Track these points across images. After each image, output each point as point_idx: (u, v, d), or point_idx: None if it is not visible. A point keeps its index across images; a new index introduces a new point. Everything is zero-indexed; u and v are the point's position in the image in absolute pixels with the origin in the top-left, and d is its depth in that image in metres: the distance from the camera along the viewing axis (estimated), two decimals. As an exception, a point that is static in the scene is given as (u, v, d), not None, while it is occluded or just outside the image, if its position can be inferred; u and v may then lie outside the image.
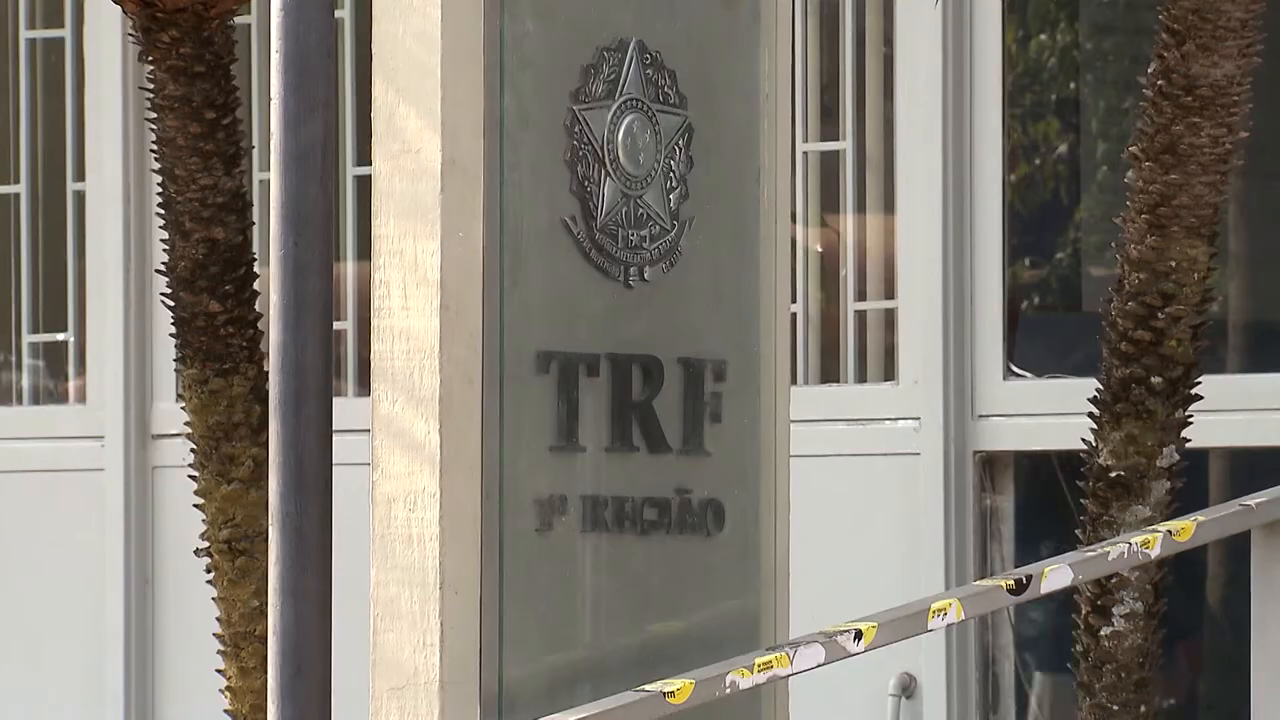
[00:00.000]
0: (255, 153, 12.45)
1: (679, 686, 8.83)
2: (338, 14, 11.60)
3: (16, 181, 22.88)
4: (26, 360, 22.73)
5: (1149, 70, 14.44)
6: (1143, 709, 13.02)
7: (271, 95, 8.49)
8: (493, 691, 8.77)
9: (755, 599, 9.74)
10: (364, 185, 11.16)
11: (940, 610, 13.70)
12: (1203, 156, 12.89)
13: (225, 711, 12.69)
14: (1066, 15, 20.01)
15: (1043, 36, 19.67)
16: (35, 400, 22.42)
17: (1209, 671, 14.28)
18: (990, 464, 19.05)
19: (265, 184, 11.20)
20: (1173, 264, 13.07)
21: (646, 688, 8.70)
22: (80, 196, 22.25)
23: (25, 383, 22.65)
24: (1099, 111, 18.70)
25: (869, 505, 18.20)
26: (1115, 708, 13.09)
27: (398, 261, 8.96)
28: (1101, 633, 12.70)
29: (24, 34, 22.87)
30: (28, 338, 22.66)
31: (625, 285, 9.15)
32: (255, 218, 12.66)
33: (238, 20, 12.65)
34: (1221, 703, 14.79)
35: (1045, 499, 16.84)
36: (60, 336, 22.37)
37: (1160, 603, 12.10)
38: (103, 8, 17.82)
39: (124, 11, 13.65)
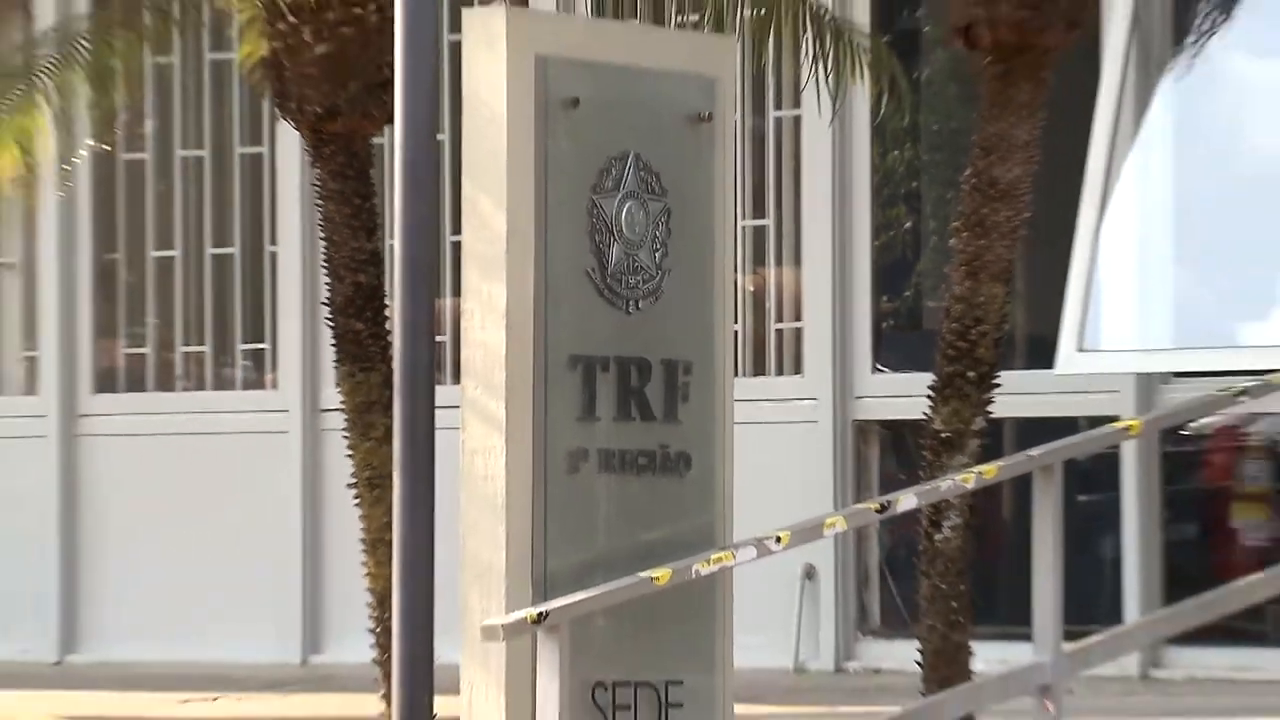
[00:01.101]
0: (385, 226, 13.29)
1: (661, 574, 12.14)
2: (440, 137, 12.92)
3: (232, 245, 24.51)
4: (240, 361, 24.42)
5: (965, 173, 18.35)
6: (961, 588, 17.58)
7: (396, 189, 11.45)
8: (540, 577, 12.16)
9: (710, 517, 13.20)
10: (456, 248, 13.34)
11: (831, 524, 17.18)
12: (1001, 229, 17.63)
13: (367, 589, 15.58)
14: (911, 137, 21.44)
15: (896, 151, 21.59)
16: (246, 387, 24.49)
17: (1005, 562, 15.63)
18: (862, 429, 21.38)
19: (392, 247, 13.30)
20: (981, 299, 17.97)
21: (640, 575, 12.13)
22: (274, 255, 24.31)
23: (239, 375, 24.45)
24: (933, 200, 21.11)
25: (785, 455, 20.23)
26: (944, 586, 17.63)
27: (478, 298, 12.37)
28: (936, 538, 17.44)
29: (237, 150, 23.99)
30: (240, 346, 24.33)
31: (625, 313, 12.65)
32: (386, 268, 14.52)
33: (375, 140, 15.19)
34: (1013, 583, 16.25)
35: (899, 452, 19.59)
36: (261, 345, 24.11)
37: (974, 518, 16.97)
38: (288, 133, 20.36)
39: (301, 135, 16.76)
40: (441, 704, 11.59)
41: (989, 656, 15.09)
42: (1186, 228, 17.78)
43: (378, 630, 10.84)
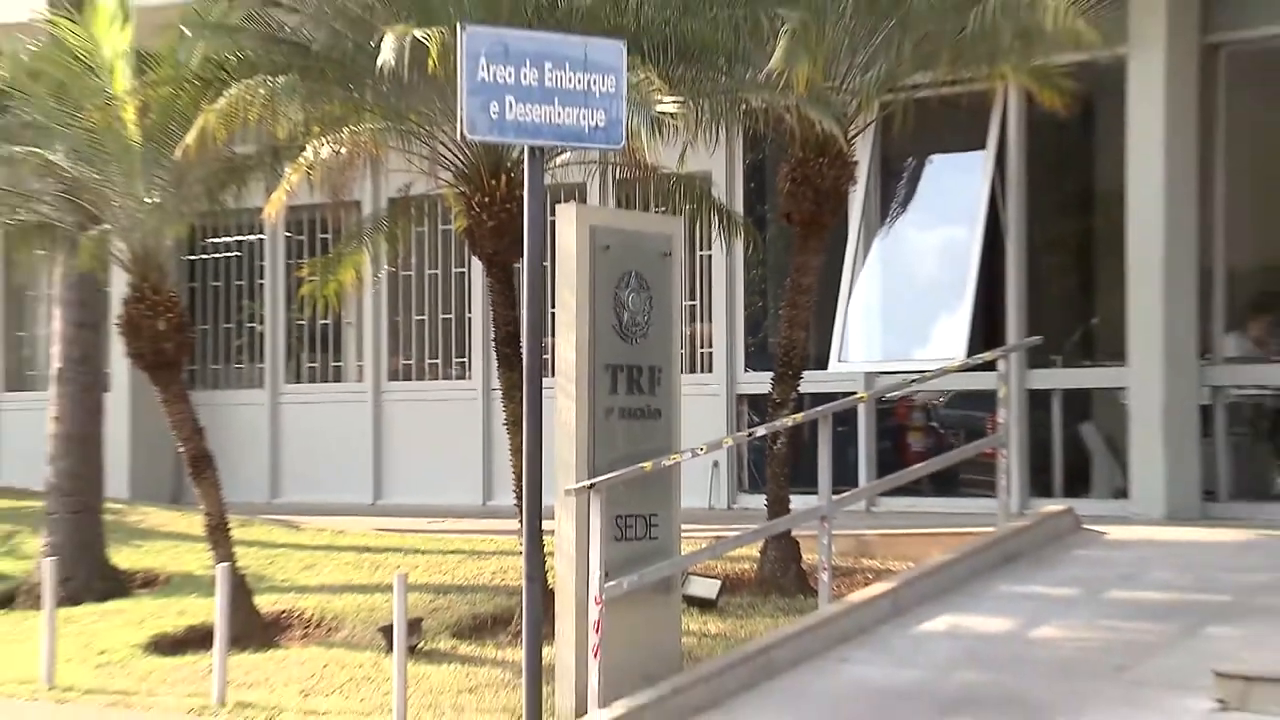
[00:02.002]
0: (521, 303, 12.88)
1: (647, 465, 11.99)
2: (544, 264, 11.38)
3: (450, 310, 22.69)
4: (454, 364, 22.54)
5: (787, 280, 15.90)
6: (785, 470, 15.35)
7: (524, 287, 10.99)
8: (589, 467, 11.84)
9: (669, 440, 12.69)
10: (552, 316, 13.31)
11: (726, 442, 17.52)
12: (802, 305, 15.51)
13: (512, 468, 14.53)
14: (762, 263, 20.31)
15: (755, 270, 20.27)
16: (458, 378, 22.40)
17: (807, 457, 15.07)
18: (739, 399, 19.67)
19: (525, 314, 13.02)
20: (793, 340, 15.50)
21: (636, 466, 11.98)
22: (470, 317, 22.27)
23: (454, 371, 22.36)
24: (774, 291, 19.27)
25: (704, 412, 18.60)
26: (777, 470, 15.43)
27: (564, 335, 12.00)
28: (774, 447, 15.46)
29: (453, 269, 22.11)
30: (454, 359, 22.61)
31: (631, 344, 12.27)
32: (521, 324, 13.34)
33: (515, 265, 14.39)
34: (810, 467, 15.77)
35: (756, 410, 18.42)
36: (463, 359, 22.43)
37: (795, 437, 15.73)
38: (476, 261, 19.28)
39: (482, 262, 15.60)
40: (548, 525, 11.21)
41: (797, 503, 14.96)
42: (886, 301, 17.93)
43: (516, 488, 10.77)
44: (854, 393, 16.35)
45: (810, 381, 15.78)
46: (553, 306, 11.88)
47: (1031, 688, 11.40)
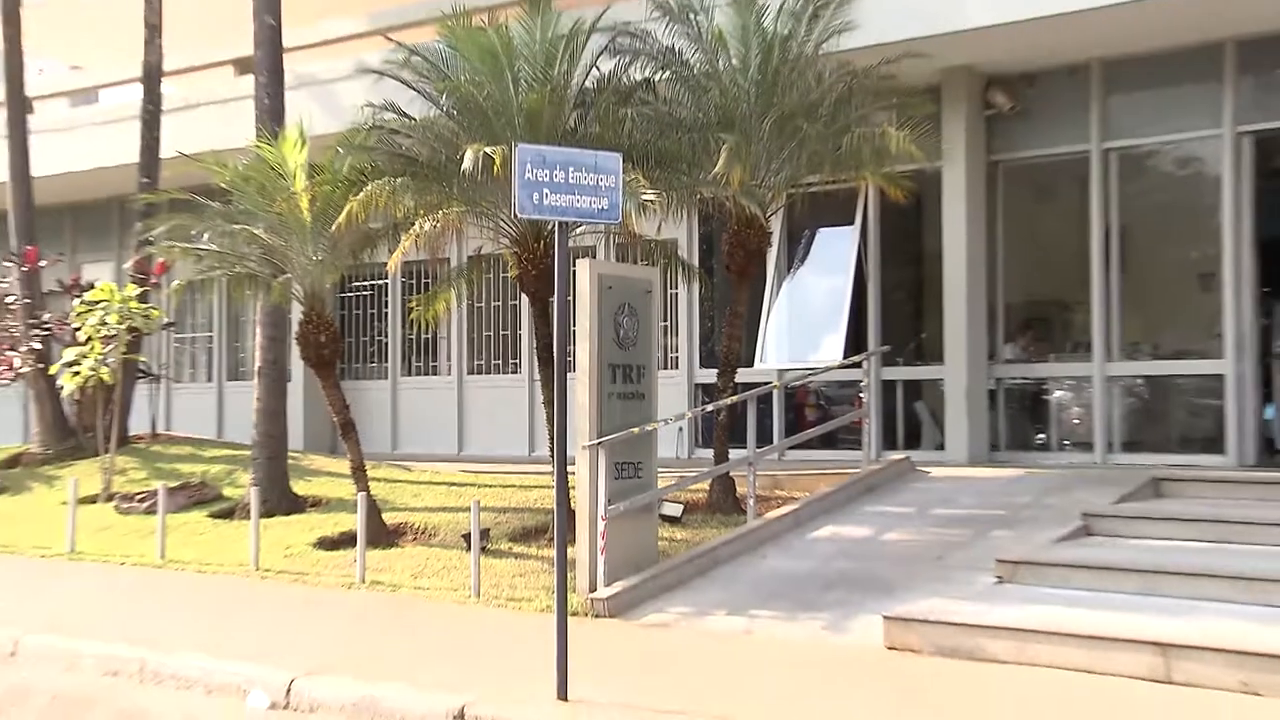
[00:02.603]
0: (556, 330, 12.85)
1: (636, 431, 11.84)
2: (569, 298, 12.02)
3: (507, 328, 21.63)
4: (510, 362, 21.48)
5: (727, 312, 15.76)
6: (725, 434, 14.80)
7: (556, 316, 10.06)
8: (597, 431, 11.54)
9: (651, 413, 12.37)
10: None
11: (686, 415, 16.50)
12: (736, 323, 14.95)
13: (549, 430, 14.03)
14: (709, 300, 19.39)
15: (706, 303, 19.37)
16: (511, 372, 21.61)
17: (739, 425, 14.96)
18: (698, 387, 18.82)
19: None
20: (731, 347, 15.03)
21: (628, 431, 11.82)
22: (518, 335, 21.28)
23: (508, 367, 21.54)
24: (718, 318, 18.38)
25: (672, 397, 17.68)
26: (722, 437, 14.99)
27: (582, 346, 11.73)
28: (719, 419, 14.76)
29: (510, 301, 21.01)
30: (510, 359, 21.65)
31: (625, 350, 11.93)
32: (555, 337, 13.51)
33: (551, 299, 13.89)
34: (741, 431, 15.83)
35: (708, 394, 17.26)
36: (517, 359, 21.48)
37: (732, 411, 14.56)
38: (525, 298, 18.29)
39: (529, 298, 15.25)
40: (571, 469, 10.62)
41: (733, 454, 14.69)
42: (790, 322, 17.67)
43: (550, 444, 10.45)
44: (770, 383, 16.09)
45: (742, 375, 15.43)
46: (573, 326, 11.60)
47: (883, 571, 11.64)
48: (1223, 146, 15.50)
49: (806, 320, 17.87)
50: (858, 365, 16.16)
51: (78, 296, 18.47)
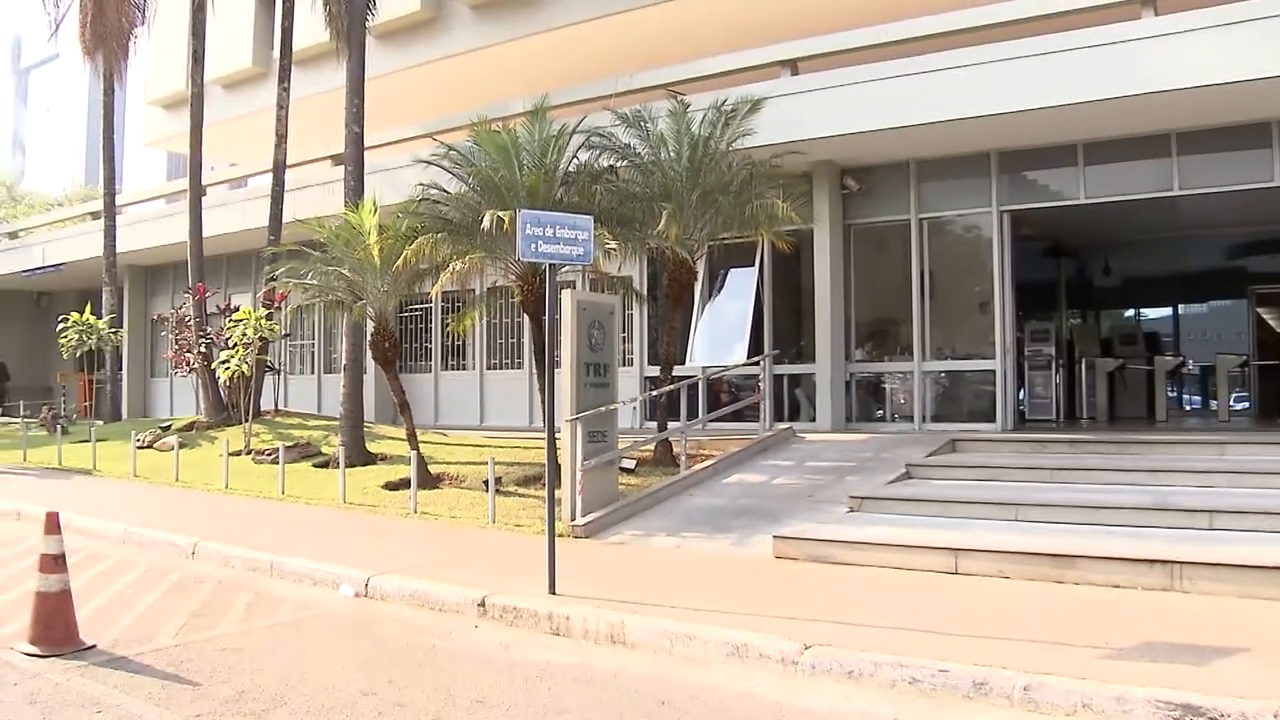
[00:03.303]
0: (547, 339, 13.03)
1: (603, 409, 11.71)
2: (558, 317, 11.79)
3: (516, 335, 21.05)
4: (516, 361, 20.77)
5: (667, 324, 15.85)
6: (665, 412, 14.78)
7: (548, 331, 9.18)
8: (576, 410, 11.35)
9: (614, 396, 12.08)
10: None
11: (639, 398, 16.37)
12: (673, 337, 14.67)
13: (543, 408, 14.29)
14: (655, 318, 18.78)
15: (652, 318, 18.93)
16: (515, 368, 20.61)
17: (672, 406, 14.57)
18: (647, 379, 18.31)
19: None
20: (669, 351, 14.71)
21: (597, 409, 11.65)
22: (520, 342, 20.21)
23: (511, 363, 20.74)
24: (659, 331, 17.74)
25: (629, 386, 17.52)
26: (663, 413, 14.85)
27: (567, 351, 11.49)
28: (660, 400, 14.62)
29: (516, 320, 20.25)
30: (514, 358, 20.73)
31: (596, 353, 11.68)
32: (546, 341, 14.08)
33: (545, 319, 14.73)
34: (674, 411, 16.02)
35: (654, 384, 16.41)
36: (521, 359, 20.40)
37: (670, 396, 14.48)
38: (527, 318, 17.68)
39: (529, 316, 14.84)
40: (559, 436, 10.82)
41: (671, 425, 14.66)
42: (711, 334, 17.57)
43: (544, 417, 10.44)
44: (697, 376, 16.07)
45: (677, 370, 15.45)
46: (559, 336, 11.47)
47: (773, 505, 11.60)
48: (992, 219, 16.20)
49: (722, 332, 17.75)
50: (757, 363, 16.35)
51: (228, 316, 19.04)
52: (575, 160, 14.52)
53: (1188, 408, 24.77)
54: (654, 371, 17.57)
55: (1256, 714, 5.06)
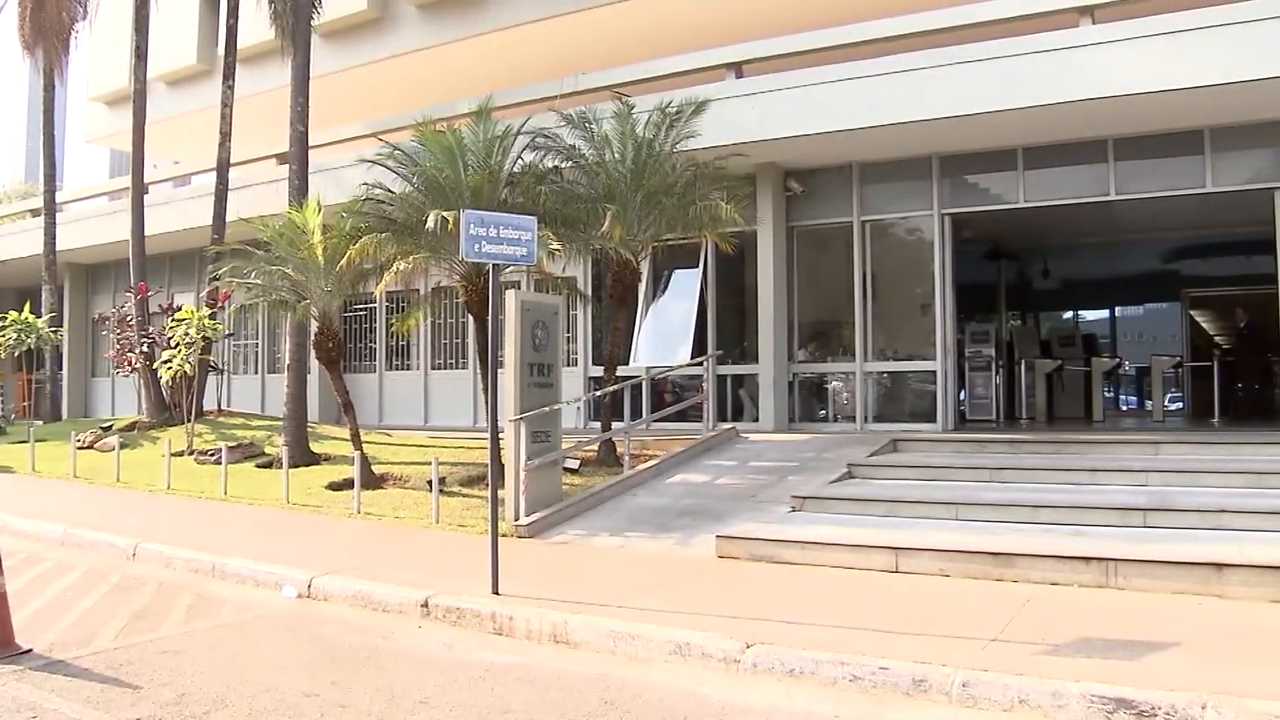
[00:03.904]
0: (491, 339, 13.10)
1: (547, 409, 11.67)
2: (501, 317, 11.30)
3: (457, 334, 20.72)
4: (460, 360, 20.72)
5: (612, 326, 15.60)
6: (609, 411, 14.80)
7: (492, 332, 9.29)
8: (520, 409, 11.23)
9: (557, 396, 12.01)
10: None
11: (583, 398, 16.36)
12: (620, 334, 14.78)
13: (486, 406, 14.79)
14: (599, 318, 18.53)
15: (596, 320, 18.75)
16: (460, 368, 20.43)
17: (615, 404, 15.30)
18: (591, 379, 18.47)
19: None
20: (612, 352, 14.73)
21: (541, 409, 11.57)
22: (466, 343, 20.27)
23: (456, 363, 20.67)
24: (602, 330, 17.46)
25: (572, 385, 17.66)
26: (607, 413, 14.75)
27: (509, 350, 11.41)
28: (604, 400, 14.52)
29: (461, 321, 20.12)
30: (459, 358, 20.64)
31: (540, 353, 11.51)
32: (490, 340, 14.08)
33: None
34: (619, 408, 15.83)
35: (598, 384, 15.60)
36: (466, 359, 20.53)
37: (614, 396, 14.54)
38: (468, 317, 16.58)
39: (472, 315, 14.90)
40: (502, 437, 10.86)
41: (615, 425, 14.78)
42: (655, 334, 17.61)
43: (488, 417, 10.31)
44: (640, 376, 16.10)
45: (621, 371, 15.44)
46: (503, 336, 11.47)
47: (716, 505, 11.59)
48: (933, 222, 16.27)
49: (666, 333, 17.75)
50: (700, 364, 16.51)
51: (171, 316, 18.89)
52: (520, 161, 14.41)
53: (1124, 408, 25.20)
54: (598, 372, 17.46)
55: (1186, 705, 5.17)
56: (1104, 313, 27.17)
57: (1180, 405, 22.29)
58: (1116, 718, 5.31)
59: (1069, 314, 27.09)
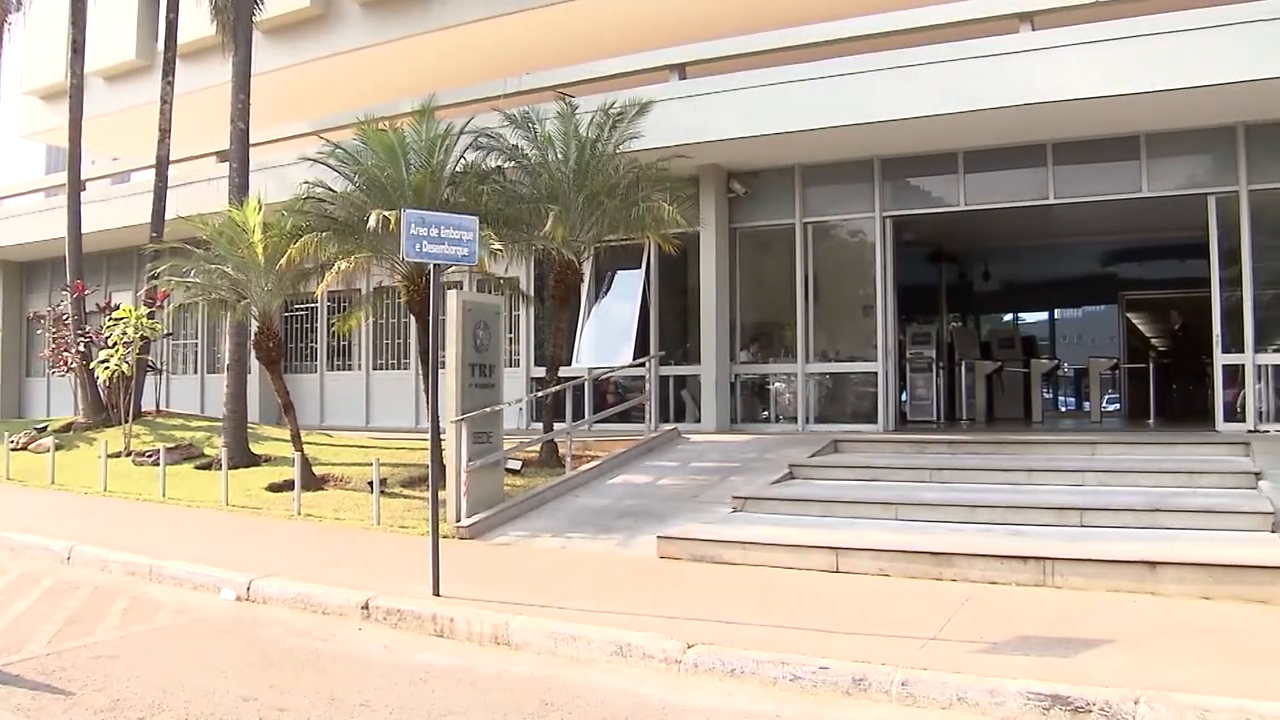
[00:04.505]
0: (433, 340, 13.10)
1: (489, 410, 11.62)
2: (443, 318, 11.29)
3: (398, 336, 20.68)
4: (391, 359, 20.39)
5: (553, 327, 15.41)
6: (551, 412, 14.70)
7: (433, 333, 9.12)
8: (461, 410, 11.19)
9: (499, 397, 11.95)
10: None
11: (525, 398, 16.31)
12: (563, 335, 14.71)
13: (429, 408, 14.51)
14: (542, 319, 18.44)
15: (540, 320, 18.68)
16: (400, 369, 20.34)
17: (558, 404, 15.71)
18: (533, 380, 18.39)
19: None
20: (554, 352, 14.59)
21: (482, 410, 11.51)
22: (406, 344, 19.80)
23: (397, 363, 20.51)
24: (544, 330, 17.03)
25: (514, 386, 17.63)
26: (549, 414, 14.65)
27: (451, 351, 11.35)
28: (546, 401, 14.37)
29: (404, 319, 19.95)
30: (389, 358, 20.78)
31: (482, 354, 11.46)
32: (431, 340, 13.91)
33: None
34: (560, 409, 17.20)
35: (541, 385, 16.42)
36: (407, 359, 20.18)
37: (556, 397, 14.41)
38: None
39: (414, 314, 14.41)
40: (444, 437, 10.88)
41: (557, 426, 14.75)
42: (597, 335, 17.68)
43: (430, 418, 10.24)
44: (583, 377, 16.09)
45: (564, 371, 15.48)
46: (445, 337, 11.37)
47: (657, 506, 11.63)
48: (875, 224, 16.41)
49: (608, 334, 17.80)
50: (643, 365, 16.30)
51: (108, 315, 18.61)
52: (463, 160, 14.36)
53: (1063, 409, 25.55)
54: (540, 372, 17.35)
55: (1119, 701, 5.24)
56: (1043, 315, 27.53)
57: (1117, 406, 22.68)
58: (1052, 714, 5.37)
59: (1009, 316, 27.41)
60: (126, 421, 18.28)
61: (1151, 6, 13.11)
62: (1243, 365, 14.07)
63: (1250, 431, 13.63)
